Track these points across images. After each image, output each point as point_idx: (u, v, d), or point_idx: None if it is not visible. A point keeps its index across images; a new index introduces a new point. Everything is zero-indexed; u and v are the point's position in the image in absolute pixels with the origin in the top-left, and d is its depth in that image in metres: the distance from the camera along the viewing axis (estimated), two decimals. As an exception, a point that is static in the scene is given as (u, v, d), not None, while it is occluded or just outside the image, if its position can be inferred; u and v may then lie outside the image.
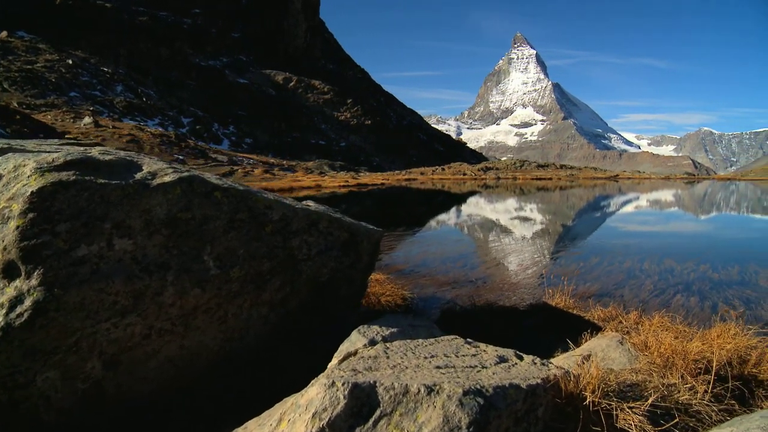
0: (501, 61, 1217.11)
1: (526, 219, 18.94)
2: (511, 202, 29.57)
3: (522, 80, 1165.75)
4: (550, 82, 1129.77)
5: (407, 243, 12.22)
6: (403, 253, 10.60)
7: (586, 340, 4.07)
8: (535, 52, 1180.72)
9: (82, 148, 3.35)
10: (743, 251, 11.49)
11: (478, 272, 8.56)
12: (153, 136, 53.32)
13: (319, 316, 3.90)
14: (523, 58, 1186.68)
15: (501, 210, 23.10)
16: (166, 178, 2.95)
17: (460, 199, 34.34)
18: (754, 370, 3.73)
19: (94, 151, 3.10)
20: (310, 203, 4.50)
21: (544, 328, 5.14)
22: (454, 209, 24.79)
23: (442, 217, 20.12)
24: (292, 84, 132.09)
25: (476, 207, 25.88)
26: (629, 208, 26.60)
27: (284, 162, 74.92)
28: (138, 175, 2.91)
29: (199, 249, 3.03)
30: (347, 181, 48.23)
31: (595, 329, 4.89)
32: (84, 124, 50.75)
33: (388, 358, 2.68)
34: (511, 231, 15.31)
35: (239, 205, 3.20)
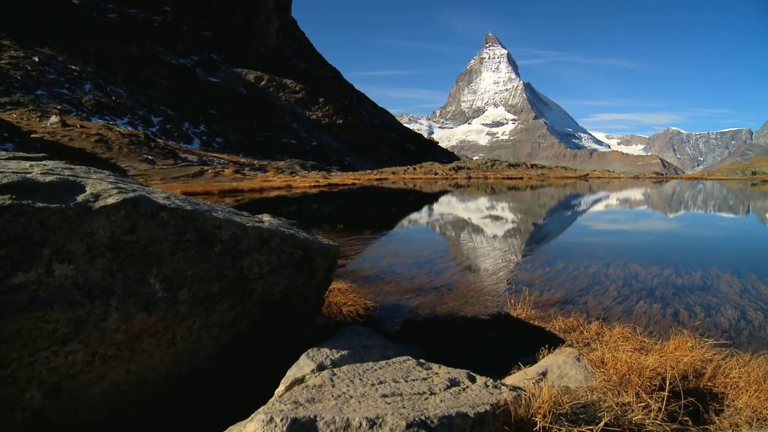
0: (473, 61, 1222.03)
1: (495, 220, 19.02)
2: (482, 203, 29.69)
3: (493, 80, 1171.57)
4: (521, 82, 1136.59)
5: (375, 247, 12.19)
6: (370, 258, 10.57)
7: (544, 356, 4.06)
8: (506, 51, 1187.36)
9: (27, 164, 3.26)
10: (706, 253, 11.69)
11: (443, 278, 8.55)
12: (122, 136, 52.50)
13: (273, 333, 3.84)
14: (494, 58, 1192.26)
15: (471, 211, 23.16)
16: (110, 200, 2.86)
17: (431, 198, 34.48)
18: (708, 384, 3.76)
19: (36, 171, 3.00)
20: (266, 217, 4.43)
21: (505, 340, 5.13)
22: (424, 210, 24.85)
23: (412, 218, 20.12)
24: (263, 83, 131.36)
25: (446, 207, 25.94)
26: (598, 208, 26.90)
27: (255, 162, 74.45)
28: (80, 198, 2.81)
29: (145, 272, 2.95)
30: (318, 181, 48.08)
31: (556, 342, 4.89)
32: (51, 124, 49.83)
33: (333, 386, 2.63)
34: (480, 233, 15.35)
35: (187, 226, 3.13)
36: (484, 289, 7.79)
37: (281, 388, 2.84)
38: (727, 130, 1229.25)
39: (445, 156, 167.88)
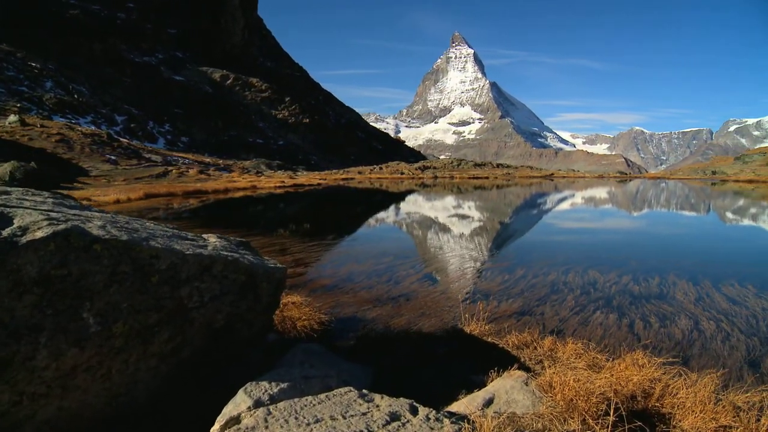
0: (439, 60, 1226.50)
1: (458, 223, 19.05)
2: (446, 203, 29.83)
3: (460, 79, 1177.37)
4: (487, 81, 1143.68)
5: (336, 253, 12.14)
6: (331, 265, 10.50)
7: (492, 379, 4.04)
8: (472, 51, 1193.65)
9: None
10: (665, 257, 11.86)
11: (402, 287, 8.51)
12: (84, 136, 51.56)
13: (218, 361, 3.76)
14: (461, 57, 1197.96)
15: (434, 212, 23.21)
16: (39, 234, 2.75)
17: (396, 198, 34.61)
18: (657, 405, 3.78)
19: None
20: (212, 239, 4.34)
21: (458, 358, 5.09)
22: (388, 211, 24.83)
23: (376, 221, 20.07)
24: (229, 82, 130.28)
25: (411, 208, 25.95)
26: (561, 209, 27.17)
27: (221, 161, 73.86)
28: (6, 232, 2.70)
29: (77, 306, 2.84)
30: (284, 182, 47.80)
31: (508, 359, 4.89)
32: (9, 123, 48.68)
33: (267, 428, 2.56)
34: (442, 237, 15.37)
35: (122, 257, 3.03)
36: (442, 299, 7.76)
37: (216, 427, 2.77)
38: (689, 130, 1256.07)
39: (412, 155, 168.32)
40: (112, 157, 48.54)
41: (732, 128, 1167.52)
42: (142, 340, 3.13)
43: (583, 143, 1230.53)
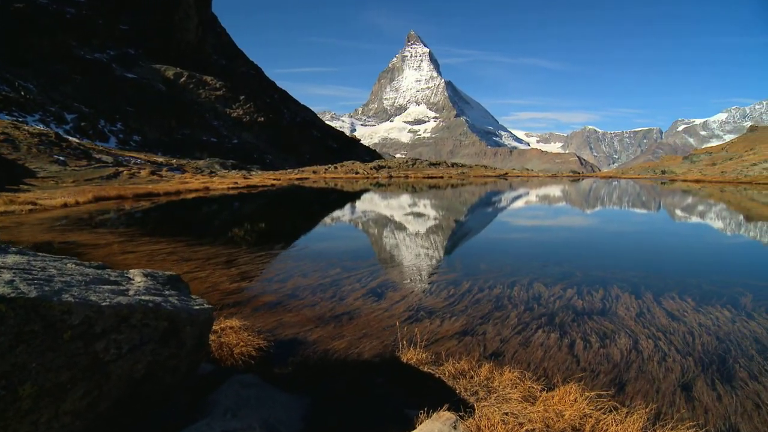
0: (395, 59, 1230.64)
1: (409, 228, 19.10)
2: (400, 203, 30.32)
3: (415, 78, 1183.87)
4: (442, 80, 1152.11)
5: (283, 265, 11.99)
6: (276, 279, 10.37)
7: (422, 420, 3.98)
8: (428, 50, 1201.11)
9: None
10: (610, 268, 11.92)
11: (346, 304, 8.46)
12: (31, 135, 50.24)
13: (141, 408, 3.64)
14: (416, 56, 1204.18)
15: (387, 216, 23.28)
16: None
17: (350, 198, 34.99)
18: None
19: None
20: (138, 278, 4.22)
21: (395, 388, 5.04)
22: (341, 213, 25.05)
23: (326, 227, 20.03)
24: (183, 79, 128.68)
25: (364, 211, 26.15)
26: (514, 211, 27.84)
27: (174, 161, 72.89)
28: None
29: (-22, 371, 2.71)
30: (237, 183, 47.47)
31: (444, 391, 4.92)
32: (-51, 122, 47.53)
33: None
34: (391, 245, 15.40)
35: (30, 316, 2.89)
36: (385, 317, 7.72)
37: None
38: (640, 129, 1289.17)
39: (368, 154, 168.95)
40: (61, 158, 47.46)
41: (681, 128, 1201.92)
42: (53, 398, 3.00)
43: (538, 142, 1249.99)
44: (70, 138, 66.18)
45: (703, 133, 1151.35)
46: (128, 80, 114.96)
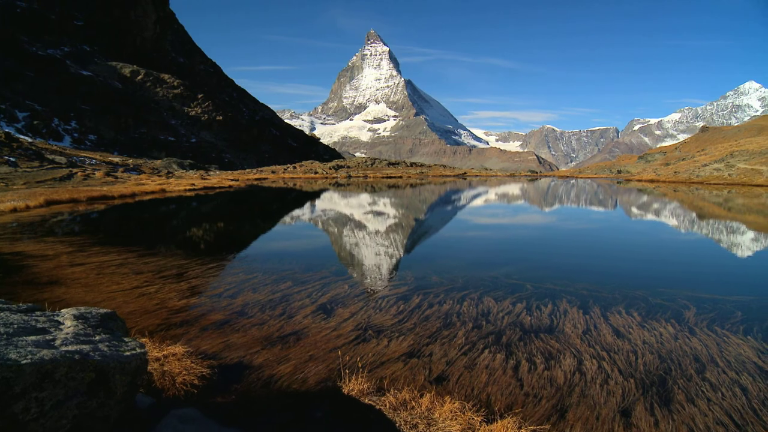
0: (354, 57, 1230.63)
1: (363, 234, 19.02)
2: (358, 204, 30.15)
3: (375, 76, 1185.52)
4: (402, 79, 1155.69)
5: (235, 278, 11.73)
6: (226, 295, 10.18)
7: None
8: (388, 49, 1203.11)
9: None
10: (561, 281, 11.86)
11: (294, 322, 8.35)
12: (-22, 136, 49.26)
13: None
14: (376, 55, 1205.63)
15: (342, 221, 23.17)
16: None
17: (308, 198, 34.83)
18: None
19: None
20: (68, 321, 4.12)
21: (337, 421, 5.02)
22: (298, 217, 24.73)
23: (281, 234, 19.84)
24: (139, 77, 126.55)
25: (320, 213, 25.87)
26: (470, 215, 27.87)
27: (130, 161, 71.78)
28: None
29: None
30: (194, 184, 46.92)
31: (384, 424, 4.89)
32: None
33: None
34: (344, 254, 15.38)
35: (-57, 378, 2.80)
36: (333, 337, 7.64)
37: None
38: (597, 128, 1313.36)
39: (327, 153, 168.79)
40: (11, 159, 46.33)
41: (636, 127, 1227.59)
42: (-33, 465, 2.92)
43: (497, 140, 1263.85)
44: (22, 137, 64.64)
45: (657, 132, 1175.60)
46: (83, 77, 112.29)
